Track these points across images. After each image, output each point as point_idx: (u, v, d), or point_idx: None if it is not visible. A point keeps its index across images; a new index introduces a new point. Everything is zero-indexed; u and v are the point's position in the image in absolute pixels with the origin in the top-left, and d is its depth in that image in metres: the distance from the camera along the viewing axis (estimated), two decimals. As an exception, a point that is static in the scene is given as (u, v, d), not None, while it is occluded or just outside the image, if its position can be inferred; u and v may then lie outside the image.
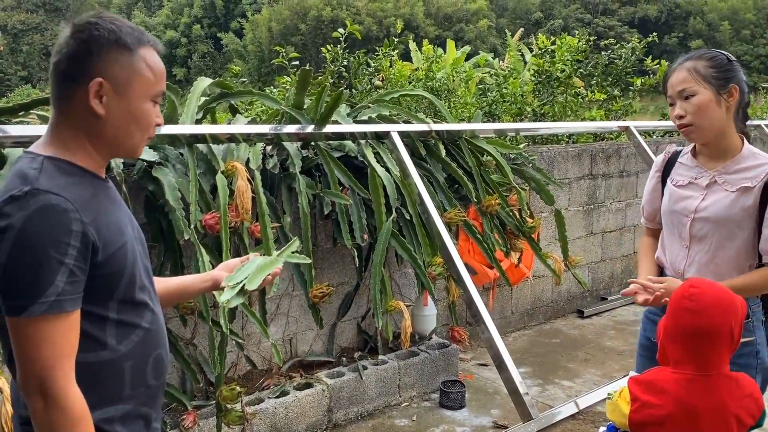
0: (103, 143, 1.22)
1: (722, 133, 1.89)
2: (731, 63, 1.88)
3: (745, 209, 1.85)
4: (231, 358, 3.25)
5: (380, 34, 28.66)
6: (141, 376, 1.26)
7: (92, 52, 1.17)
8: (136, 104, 1.21)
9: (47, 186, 1.11)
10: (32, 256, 1.07)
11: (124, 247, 1.22)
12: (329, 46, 5.26)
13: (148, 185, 2.73)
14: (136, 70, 1.20)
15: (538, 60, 6.19)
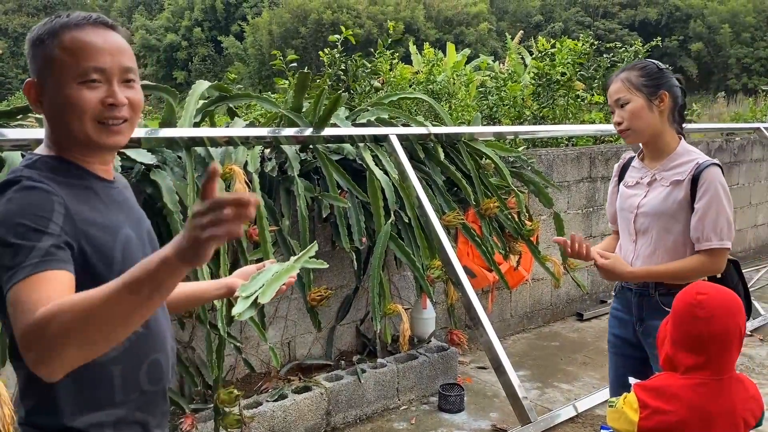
0: (61, 139, 1.20)
1: (658, 134, 2.07)
2: (661, 71, 2.07)
3: (678, 202, 2.02)
4: (229, 361, 3.24)
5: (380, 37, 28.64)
6: (134, 381, 1.23)
7: (30, 56, 1.19)
8: (61, 92, 1.15)
9: (31, 175, 1.12)
10: (14, 230, 1.04)
11: (112, 247, 1.18)
12: (327, 49, 5.27)
13: (146, 188, 2.73)
14: (50, 59, 1.15)
15: (538, 63, 6.19)
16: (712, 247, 1.98)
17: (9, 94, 32.60)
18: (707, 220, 1.97)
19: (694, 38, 31.99)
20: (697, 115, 7.54)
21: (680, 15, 33.31)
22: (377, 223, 3.27)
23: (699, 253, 2.01)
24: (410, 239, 3.40)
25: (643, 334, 2.13)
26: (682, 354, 1.61)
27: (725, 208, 1.98)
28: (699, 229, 1.99)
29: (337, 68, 5.11)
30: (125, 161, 2.70)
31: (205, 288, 1.55)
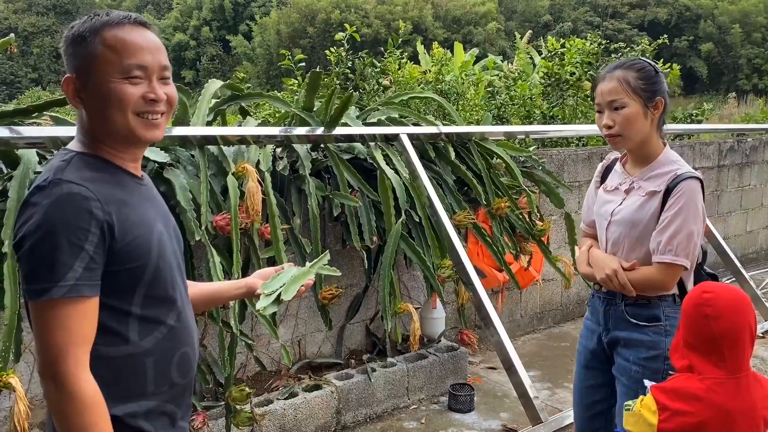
0: (102, 134, 1.24)
1: (646, 142, 1.96)
2: (658, 75, 1.95)
3: (651, 213, 1.92)
4: (240, 359, 3.25)
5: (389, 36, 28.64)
6: (165, 373, 1.27)
7: (68, 54, 1.24)
8: (104, 87, 1.20)
9: (71, 177, 1.15)
10: (53, 242, 1.10)
11: (149, 242, 1.23)
12: (332, 48, 5.27)
13: (159, 186, 2.73)
14: (93, 55, 1.20)
15: (547, 63, 6.18)
16: (663, 261, 1.87)
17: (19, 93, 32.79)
18: (666, 233, 1.87)
19: (705, 38, 31.81)
20: (708, 113, 7.49)
21: (690, 15, 33.13)
22: (388, 222, 3.27)
23: (654, 264, 1.91)
24: (421, 239, 3.40)
25: (608, 344, 2.07)
26: (696, 355, 1.60)
27: (689, 225, 1.86)
28: (657, 240, 1.89)
29: (344, 66, 5.12)
30: (138, 159, 2.72)
31: (226, 288, 1.63)
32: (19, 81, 37.37)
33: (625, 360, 1.99)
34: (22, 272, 1.14)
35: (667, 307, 1.95)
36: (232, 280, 1.65)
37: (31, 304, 1.13)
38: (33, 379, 2.68)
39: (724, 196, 6.36)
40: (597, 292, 2.12)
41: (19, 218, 1.14)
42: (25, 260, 1.11)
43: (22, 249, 1.12)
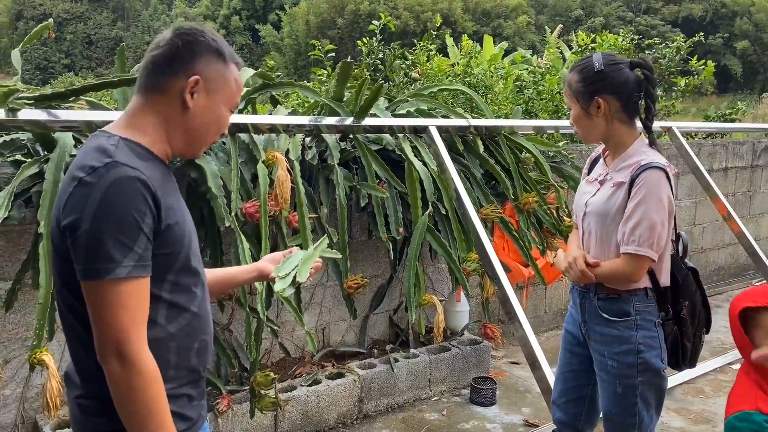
0: (180, 135, 1.30)
1: (607, 136, 1.98)
2: (599, 72, 1.90)
3: (618, 205, 1.92)
4: (265, 345, 3.29)
5: (417, 28, 28.57)
6: (186, 358, 1.30)
7: (195, 52, 1.28)
8: (220, 108, 1.32)
9: (125, 160, 1.18)
10: (116, 221, 1.12)
11: (183, 230, 1.28)
12: (365, 38, 5.27)
13: (190, 172, 2.78)
14: (227, 79, 1.31)
15: (578, 57, 6.11)
16: (628, 252, 1.87)
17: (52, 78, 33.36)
18: (629, 224, 1.87)
19: (740, 36, 31.12)
20: (742, 113, 7.34)
21: (726, 12, 32.42)
22: (414, 214, 3.27)
23: (622, 255, 1.91)
24: (447, 231, 3.40)
25: (586, 334, 2.09)
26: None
27: (650, 215, 1.85)
28: (622, 231, 1.90)
29: (375, 57, 5.12)
30: (171, 145, 2.75)
31: (237, 272, 1.67)
32: (53, 66, 38.00)
33: (600, 355, 2.02)
34: (79, 252, 1.14)
35: (638, 301, 1.96)
36: (244, 265, 1.70)
37: (89, 283, 1.14)
38: (64, 358, 2.75)
39: (756, 196, 6.24)
40: (575, 284, 2.12)
41: (70, 198, 1.15)
42: (84, 240, 1.13)
43: (80, 229, 1.13)
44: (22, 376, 2.73)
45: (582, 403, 2.17)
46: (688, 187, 5.49)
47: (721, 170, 5.80)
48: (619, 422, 2.01)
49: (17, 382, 2.72)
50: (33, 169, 2.44)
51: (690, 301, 2.01)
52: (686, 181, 5.44)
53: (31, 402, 2.76)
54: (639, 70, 1.93)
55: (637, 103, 1.95)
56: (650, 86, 1.93)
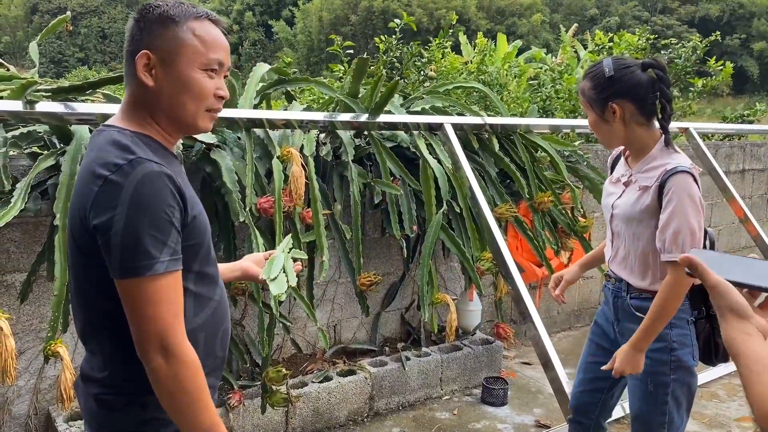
0: (161, 116, 1.26)
1: (627, 140, 1.97)
2: (609, 78, 1.89)
3: (645, 209, 1.92)
4: (276, 341, 3.29)
5: (431, 26, 28.50)
6: (212, 347, 1.32)
7: (143, 28, 1.23)
8: (185, 73, 1.24)
9: (146, 155, 1.17)
10: (150, 218, 1.12)
11: (205, 221, 1.29)
12: (383, 36, 5.25)
13: (205, 167, 2.78)
14: (182, 40, 1.23)
15: (594, 56, 6.06)
16: (673, 259, 1.85)
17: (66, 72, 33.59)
18: (669, 231, 1.85)
19: (757, 37, 30.81)
20: (760, 114, 7.25)
21: (743, 12, 32.10)
22: (428, 211, 3.26)
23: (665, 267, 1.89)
24: (461, 230, 3.38)
25: (619, 332, 2.09)
26: None
27: (689, 219, 1.84)
28: (661, 240, 1.88)
29: (393, 55, 5.10)
30: (186, 140, 2.75)
31: (222, 270, 1.61)
32: (67, 60, 38.28)
33: None
34: (114, 251, 1.13)
35: None
36: (229, 263, 1.69)
37: (128, 281, 1.14)
38: (77, 350, 2.76)
39: (773, 199, 6.17)
40: (607, 282, 2.14)
41: (99, 197, 1.14)
42: (120, 238, 1.12)
43: (114, 228, 1.12)
44: (36, 368, 2.74)
45: (599, 394, 2.20)
46: (705, 188, 5.41)
47: (738, 172, 5.73)
48: (648, 421, 2.00)
49: (31, 374, 2.73)
50: (49, 162, 2.44)
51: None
52: (702, 183, 5.33)
53: (45, 393, 2.78)
54: (651, 70, 1.90)
55: (654, 104, 1.92)
56: (664, 86, 1.90)
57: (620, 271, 2.04)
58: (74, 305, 1.29)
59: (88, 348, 1.29)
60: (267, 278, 1.60)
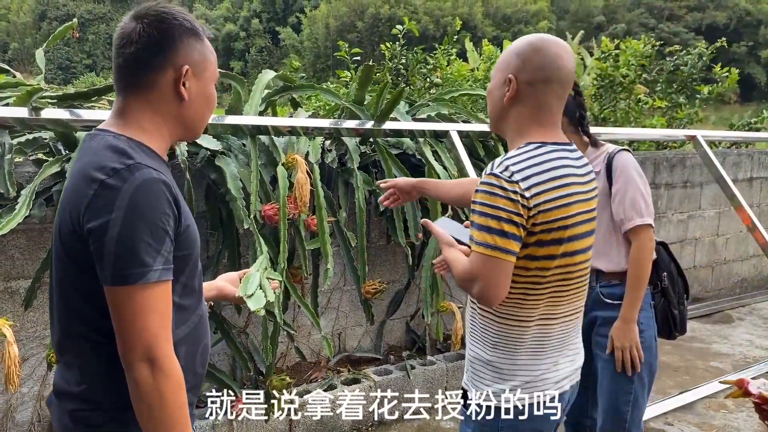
0: (180, 126, 1.27)
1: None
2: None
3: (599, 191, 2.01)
4: (280, 348, 3.27)
5: (437, 32, 28.55)
6: (192, 363, 1.27)
7: (175, 39, 1.22)
8: (210, 88, 1.29)
9: (145, 161, 1.16)
10: (146, 225, 1.10)
11: (195, 231, 1.26)
12: (388, 43, 5.26)
13: (210, 173, 2.78)
14: (208, 57, 1.27)
15: (601, 64, 6.04)
16: (635, 225, 2.06)
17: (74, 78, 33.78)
18: (626, 201, 2.08)
19: (765, 44, 30.72)
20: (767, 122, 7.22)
21: (750, 20, 32.04)
22: (433, 218, 3.24)
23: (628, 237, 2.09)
24: (466, 237, 3.36)
25: (587, 325, 2.19)
26: None
27: (640, 188, 2.08)
28: (620, 211, 2.09)
29: (398, 62, 5.10)
30: (191, 146, 2.75)
31: None
32: (74, 66, 38.50)
33: (603, 336, 2.17)
34: (106, 257, 1.09)
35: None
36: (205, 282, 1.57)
37: (119, 288, 1.10)
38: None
39: (781, 208, 6.13)
40: None
41: (94, 201, 1.10)
42: (114, 244, 1.09)
43: (109, 233, 1.09)
44: (40, 375, 2.73)
45: (587, 391, 2.26)
46: (712, 196, 5.40)
47: (746, 180, 5.70)
48: (616, 399, 2.17)
49: (35, 380, 2.73)
50: (54, 168, 2.44)
51: (667, 272, 2.22)
52: (710, 191, 5.35)
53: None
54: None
55: (576, 116, 2.19)
56: (580, 98, 2.19)
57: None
58: (55, 314, 1.24)
59: (64, 360, 1.24)
60: (244, 295, 1.60)
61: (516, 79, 1.47)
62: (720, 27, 31.13)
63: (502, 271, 1.40)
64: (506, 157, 1.45)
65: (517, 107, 1.49)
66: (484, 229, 1.40)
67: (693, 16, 32.84)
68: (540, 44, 1.48)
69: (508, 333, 1.50)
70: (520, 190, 1.38)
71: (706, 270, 5.53)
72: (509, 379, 1.50)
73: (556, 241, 1.43)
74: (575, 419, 2.36)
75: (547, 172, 1.43)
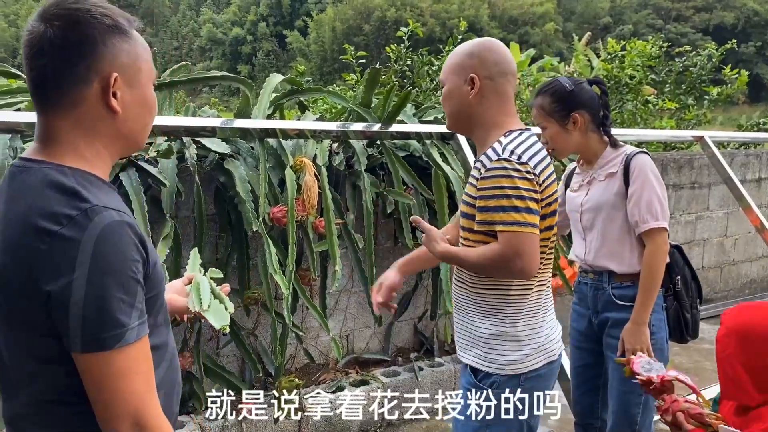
0: (120, 143, 1.07)
1: (582, 147, 2.21)
2: (570, 92, 2.13)
3: (615, 193, 2.14)
4: (289, 350, 3.29)
5: (443, 35, 28.57)
6: (170, 406, 1.13)
7: (96, 43, 0.99)
8: (147, 91, 1.08)
9: (102, 201, 0.97)
10: (114, 280, 0.94)
11: (161, 266, 1.12)
12: (393, 45, 5.28)
13: (219, 177, 2.80)
14: (139, 54, 1.06)
15: (606, 65, 6.04)
16: (650, 228, 2.07)
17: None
18: (642, 203, 2.08)
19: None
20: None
21: (759, 20, 31.90)
22: (441, 221, 3.25)
23: (643, 238, 2.09)
24: (474, 239, 3.37)
25: (598, 326, 2.24)
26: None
27: (656, 191, 2.09)
28: (635, 213, 2.09)
29: (403, 64, 5.12)
30: (200, 150, 2.78)
31: None
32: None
33: (614, 338, 2.17)
34: (73, 321, 0.92)
35: None
36: None
37: (93, 356, 0.94)
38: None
39: (790, 208, 6.10)
40: (584, 279, 2.29)
41: (47, 257, 0.92)
42: (80, 309, 0.92)
43: (75, 296, 0.92)
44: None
45: (597, 392, 2.33)
46: (720, 197, 5.38)
47: (755, 181, 5.68)
48: (627, 401, 2.16)
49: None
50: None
51: (681, 275, 2.23)
52: (718, 192, 5.34)
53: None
54: (596, 86, 2.20)
55: (600, 114, 2.18)
56: (606, 98, 2.20)
57: (599, 260, 2.19)
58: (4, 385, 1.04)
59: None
60: (200, 309, 1.37)
61: (478, 76, 1.61)
62: (728, 27, 31.02)
63: (533, 244, 1.52)
64: (504, 145, 1.56)
65: (483, 103, 1.64)
66: (511, 210, 1.50)
67: (701, 17, 32.74)
68: (489, 44, 1.66)
69: (522, 302, 1.63)
70: (531, 169, 1.54)
71: (714, 271, 5.51)
72: (528, 343, 1.64)
73: (551, 214, 1.61)
74: (585, 420, 2.37)
75: (537, 153, 1.59)
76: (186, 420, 2.76)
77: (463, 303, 1.73)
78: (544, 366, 1.67)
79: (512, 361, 1.63)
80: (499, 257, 1.53)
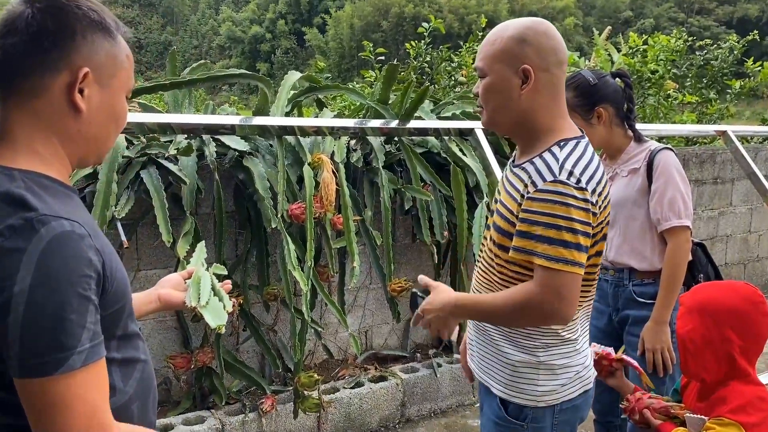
0: (78, 146, 0.99)
1: (606, 142, 2.17)
2: (594, 86, 2.08)
3: (637, 189, 2.12)
4: (308, 346, 3.31)
5: (462, 31, 28.48)
6: (146, 416, 1.08)
7: (74, 33, 0.94)
8: (118, 100, 1.02)
9: (51, 209, 0.89)
10: (60, 298, 0.85)
11: (123, 275, 1.01)
12: (413, 42, 5.27)
13: (238, 174, 2.82)
14: (119, 60, 1.00)
15: (628, 59, 5.97)
16: (672, 226, 2.04)
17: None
18: (664, 200, 2.05)
19: (798, 36, 29.97)
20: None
21: (783, 11, 31.27)
22: (459, 217, 3.24)
23: (665, 236, 2.06)
24: (492, 235, 3.35)
25: (618, 323, 2.23)
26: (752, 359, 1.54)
27: (680, 188, 2.05)
28: (658, 210, 2.06)
29: (423, 60, 5.11)
30: (220, 147, 2.80)
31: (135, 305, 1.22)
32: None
33: (634, 336, 2.15)
34: (11, 342, 0.84)
35: None
36: (141, 293, 1.35)
37: (32, 381, 0.85)
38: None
39: (816, 204, 5.99)
40: (604, 276, 2.24)
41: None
42: (20, 328, 0.83)
43: (13, 314, 0.83)
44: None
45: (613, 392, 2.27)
46: (744, 193, 5.30)
47: (779, 176, 5.58)
48: None
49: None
50: (87, 170, 2.50)
51: (704, 273, 2.21)
52: (741, 187, 5.25)
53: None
54: (619, 79, 2.15)
55: (624, 108, 2.15)
56: (630, 91, 2.14)
57: (620, 257, 2.17)
58: None
59: None
60: (197, 305, 1.31)
61: (533, 68, 1.36)
62: (752, 20, 30.48)
63: (576, 287, 1.33)
64: (561, 162, 1.34)
65: (537, 99, 1.38)
66: (557, 243, 1.29)
67: (723, 10, 32.21)
68: (543, 27, 1.39)
69: (561, 333, 1.45)
70: (589, 197, 1.32)
71: (737, 267, 5.43)
72: (563, 373, 1.46)
73: (603, 238, 1.44)
74: (605, 418, 2.35)
75: (597, 172, 1.37)
76: (206, 415, 2.79)
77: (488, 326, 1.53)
78: (579, 396, 1.49)
79: (546, 392, 1.46)
80: (533, 298, 1.32)
